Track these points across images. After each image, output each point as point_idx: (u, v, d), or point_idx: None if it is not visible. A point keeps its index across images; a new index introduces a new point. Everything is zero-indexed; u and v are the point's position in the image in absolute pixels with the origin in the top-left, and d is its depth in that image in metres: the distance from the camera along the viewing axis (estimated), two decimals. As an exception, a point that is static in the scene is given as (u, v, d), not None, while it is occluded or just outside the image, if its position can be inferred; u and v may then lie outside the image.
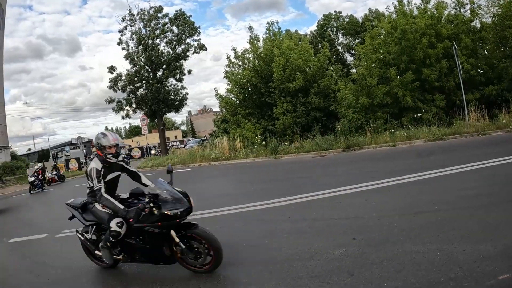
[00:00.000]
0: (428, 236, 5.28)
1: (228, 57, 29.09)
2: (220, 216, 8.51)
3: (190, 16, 40.08)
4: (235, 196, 11.22)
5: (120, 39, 39.24)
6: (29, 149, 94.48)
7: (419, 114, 20.38)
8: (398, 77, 20.99)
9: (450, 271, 4.17)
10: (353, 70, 29.03)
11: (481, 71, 21.26)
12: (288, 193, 9.45)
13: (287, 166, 17.28)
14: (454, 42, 20.20)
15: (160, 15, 39.51)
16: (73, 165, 45.29)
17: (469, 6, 22.97)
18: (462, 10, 23.22)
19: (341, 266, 4.79)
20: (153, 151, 49.62)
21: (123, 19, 39.08)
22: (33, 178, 24.46)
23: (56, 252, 8.06)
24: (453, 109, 20.52)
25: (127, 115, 40.92)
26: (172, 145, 58.04)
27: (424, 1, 23.41)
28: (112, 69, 39.21)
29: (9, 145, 52.09)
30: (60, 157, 57.39)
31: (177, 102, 40.68)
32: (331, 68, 28.17)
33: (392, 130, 19.70)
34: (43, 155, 67.15)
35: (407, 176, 9.41)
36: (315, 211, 7.75)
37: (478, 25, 22.89)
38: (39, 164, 27.62)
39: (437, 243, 4.97)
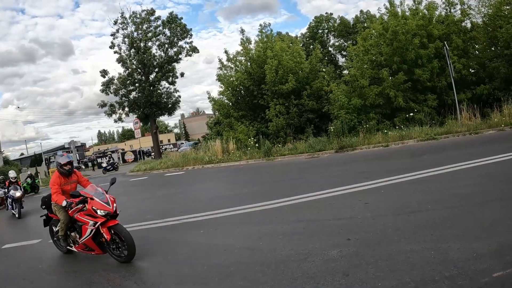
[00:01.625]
0: (422, 235, 5.31)
1: (220, 60, 29.08)
2: (214, 219, 8.50)
3: (182, 18, 40.03)
4: (229, 199, 11.19)
5: (112, 42, 39.17)
6: (22, 154, 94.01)
7: (411, 114, 20.45)
8: (390, 77, 21.08)
9: (444, 269, 4.18)
10: (345, 72, 29.10)
11: (473, 71, 21.42)
12: (282, 195, 9.45)
13: (281, 168, 17.30)
14: (445, 42, 20.30)
15: (152, 18, 39.45)
16: (66, 169, 44.98)
17: (459, 6, 23.13)
18: (452, 11, 23.37)
19: (336, 267, 4.80)
20: (104, 163, 44.67)
21: (115, 22, 38.97)
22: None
23: (50, 258, 8.00)
24: (445, 109, 20.65)
25: (120, 119, 40.76)
26: (165, 149, 57.97)
27: (416, 2, 23.54)
28: (104, 72, 39.08)
29: (1, 150, 51.84)
30: (53, 161, 56.99)
31: (169, 105, 40.56)
32: (324, 70, 28.21)
33: (385, 131, 19.75)
34: (35, 159, 66.67)
35: (400, 176, 9.45)
36: (309, 212, 7.76)
37: (469, 25, 23.08)
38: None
39: (431, 242, 5.00)
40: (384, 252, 4.95)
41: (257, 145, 23.26)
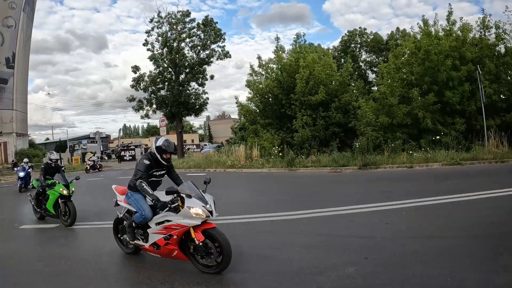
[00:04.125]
0: (440, 261, 5.31)
1: (251, 66, 29.32)
2: (232, 224, 8.54)
3: (217, 22, 40.50)
4: (248, 205, 11.26)
5: (146, 40, 39.82)
6: (47, 139, 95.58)
7: (438, 137, 20.21)
8: (420, 98, 20.89)
9: (459, 298, 4.20)
10: (375, 88, 28.92)
11: (503, 97, 21.04)
12: (301, 207, 9.48)
13: (303, 180, 17.27)
14: (478, 66, 20.04)
15: (187, 19, 39.99)
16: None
17: (494, 30, 22.77)
18: (487, 34, 23.03)
19: (351, 284, 4.83)
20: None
21: (151, 21, 39.72)
22: (23, 174, 19.76)
23: (67, 244, 8.16)
24: (473, 134, 20.33)
25: (147, 115, 41.47)
26: (188, 149, 58.33)
27: (450, 23, 23.31)
28: (136, 68, 39.73)
29: (28, 133, 52.92)
30: (77, 149, 57.96)
31: (197, 106, 40.99)
32: (353, 84, 28.16)
33: (410, 151, 19.51)
34: (60, 146, 67.71)
35: (422, 199, 9.40)
36: (328, 227, 7.78)
37: (503, 50, 22.67)
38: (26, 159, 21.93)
39: (448, 269, 4.99)
40: (400, 274, 4.97)
41: (280, 154, 23.32)
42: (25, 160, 21.91)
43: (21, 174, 19.87)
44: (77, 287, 5.53)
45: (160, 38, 39.53)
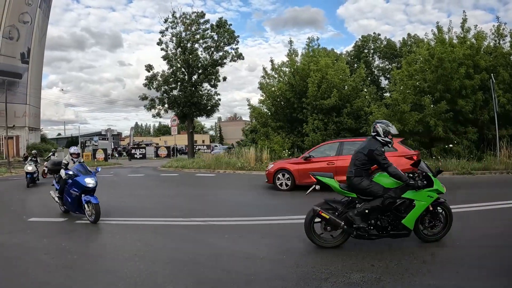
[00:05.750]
0: (447, 271, 5.28)
1: (264, 69, 29.35)
2: (240, 225, 8.57)
3: (231, 25, 40.59)
4: (257, 207, 11.25)
5: (160, 39, 39.98)
6: (59, 134, 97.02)
7: (450, 146, 20.04)
8: (432, 105, 20.73)
9: (465, 309, 4.17)
10: (387, 94, 28.75)
11: (517, 107, 20.81)
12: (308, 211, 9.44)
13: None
14: (492, 74, 19.84)
15: (201, 20, 40.12)
16: (100, 155, 46.21)
17: (509, 38, 22.57)
18: (501, 42, 22.80)
19: (357, 291, 4.80)
20: (30, 167, 20.47)
21: (165, 21, 39.84)
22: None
23: (74, 237, 8.17)
24: (484, 144, 20.14)
25: (158, 114, 41.59)
26: (199, 149, 58.50)
27: (464, 30, 23.12)
28: (149, 67, 39.89)
29: (41, 128, 53.49)
30: (88, 146, 58.49)
31: (209, 107, 41.09)
32: (365, 90, 28.03)
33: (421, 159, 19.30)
34: (71, 141, 68.37)
35: (431, 208, 9.32)
36: (336, 232, 7.74)
37: (518, 59, 22.42)
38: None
39: (455, 280, 4.97)
40: (407, 284, 4.94)
41: (290, 157, 23.26)
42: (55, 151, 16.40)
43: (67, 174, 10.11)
44: (80, 281, 5.55)
45: (174, 38, 39.69)
